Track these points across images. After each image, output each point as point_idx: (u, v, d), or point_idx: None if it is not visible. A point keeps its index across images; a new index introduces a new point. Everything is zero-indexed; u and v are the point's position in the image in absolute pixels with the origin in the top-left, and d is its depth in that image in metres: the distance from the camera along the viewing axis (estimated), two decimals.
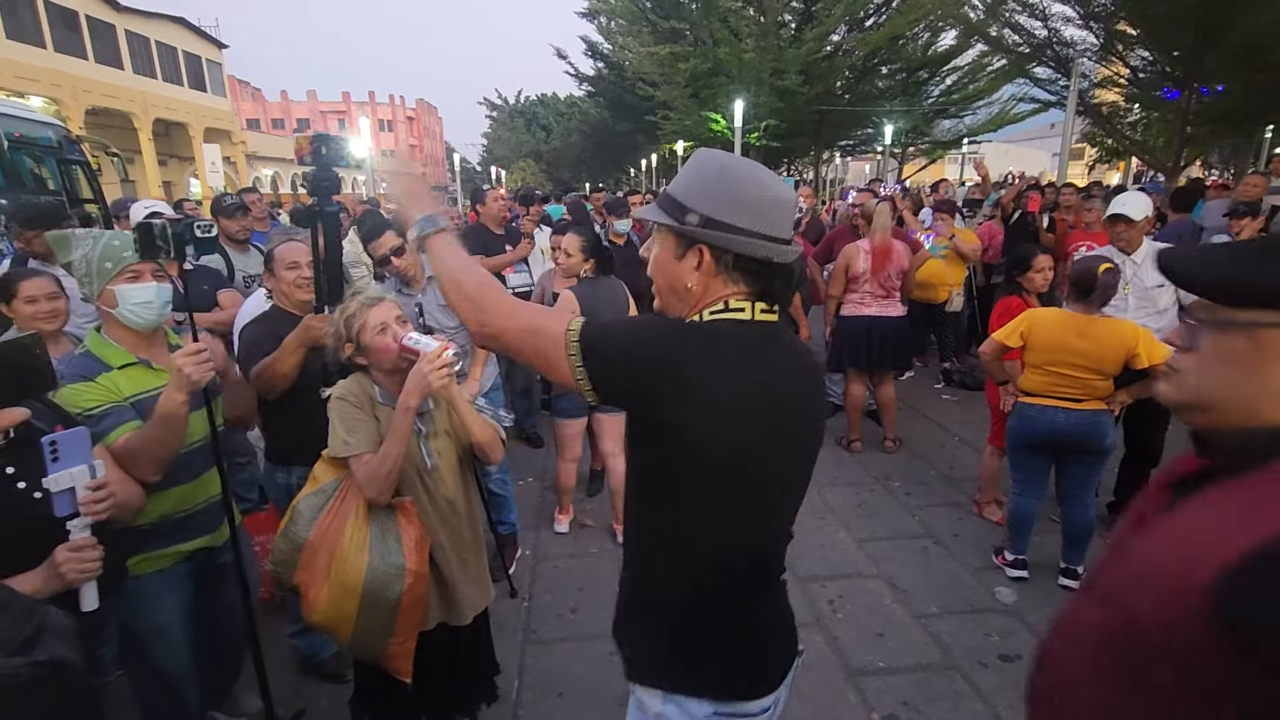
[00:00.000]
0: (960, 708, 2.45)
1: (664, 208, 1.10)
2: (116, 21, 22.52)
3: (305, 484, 1.83)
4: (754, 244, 1.06)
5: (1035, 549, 3.25)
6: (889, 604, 3.05)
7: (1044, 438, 2.98)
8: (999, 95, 22.30)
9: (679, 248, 1.10)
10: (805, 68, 18.93)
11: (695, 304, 1.12)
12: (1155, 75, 14.60)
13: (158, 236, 1.69)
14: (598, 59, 27.52)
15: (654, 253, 1.15)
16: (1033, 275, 3.50)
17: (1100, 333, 2.77)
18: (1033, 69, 16.44)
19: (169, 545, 1.87)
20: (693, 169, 1.10)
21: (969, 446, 4.68)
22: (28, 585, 1.26)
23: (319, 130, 2.12)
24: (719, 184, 1.07)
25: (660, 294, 1.17)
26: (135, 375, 1.76)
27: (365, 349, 1.79)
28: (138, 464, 1.59)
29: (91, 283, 1.71)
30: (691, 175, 1.10)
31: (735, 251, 1.07)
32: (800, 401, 1.14)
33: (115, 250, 1.73)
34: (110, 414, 1.63)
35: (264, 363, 2.20)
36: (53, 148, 8.58)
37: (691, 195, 1.07)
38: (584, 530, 3.76)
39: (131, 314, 1.74)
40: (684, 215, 1.07)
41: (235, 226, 3.95)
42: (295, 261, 2.37)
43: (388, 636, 1.75)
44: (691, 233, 1.07)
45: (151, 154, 23.79)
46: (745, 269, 1.08)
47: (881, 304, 4.53)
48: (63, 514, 1.30)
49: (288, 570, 1.75)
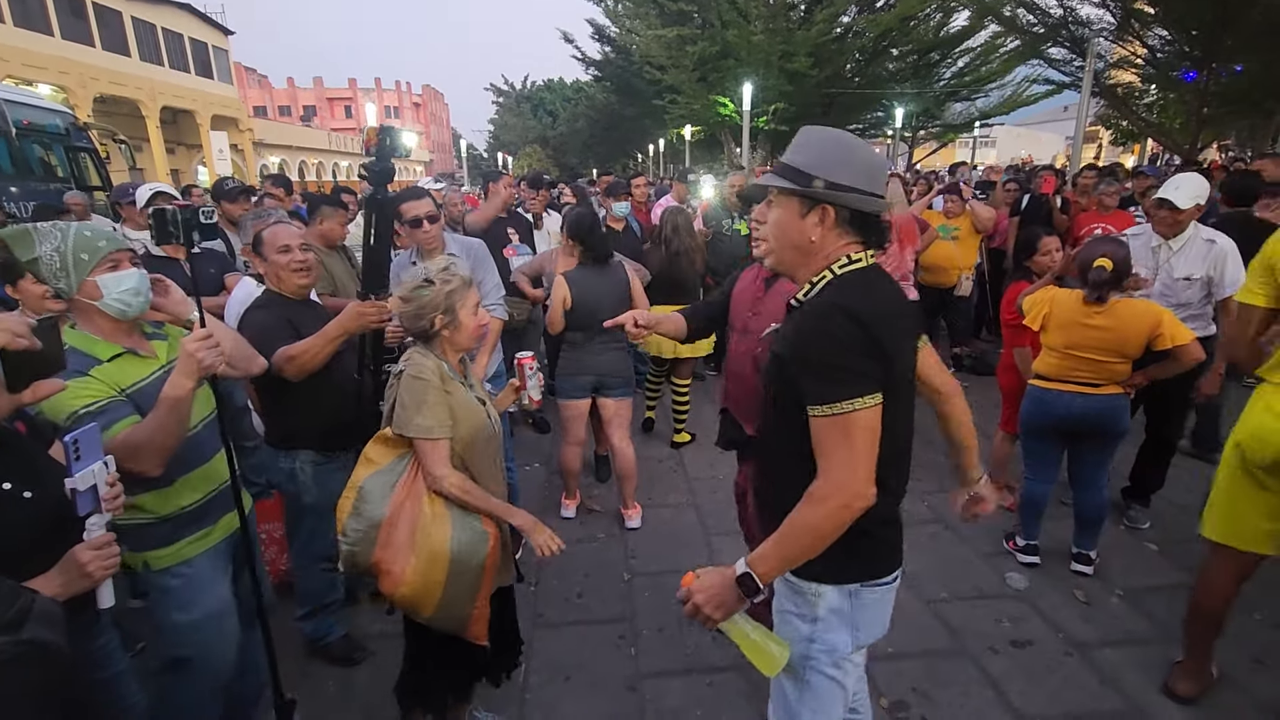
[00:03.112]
0: (970, 693, 2.42)
1: (788, 178, 1.31)
2: (123, 8, 22.47)
3: (308, 464, 1.82)
4: (869, 200, 1.30)
5: (1046, 534, 3.21)
6: (899, 589, 3.02)
7: (1060, 422, 2.93)
8: (1012, 77, 21.96)
9: (803, 209, 1.32)
10: (815, 50, 18.66)
11: (815, 255, 1.35)
12: (1173, 55, 14.33)
13: (170, 222, 1.68)
14: (604, 43, 27.21)
15: (774, 216, 1.37)
16: (1039, 258, 3.43)
17: (1122, 313, 2.70)
18: (1047, 49, 16.15)
19: (205, 528, 1.84)
20: (809, 143, 1.32)
21: (979, 432, 4.59)
22: (50, 587, 1.23)
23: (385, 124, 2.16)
24: (838, 152, 1.30)
25: (779, 252, 1.39)
26: (126, 366, 1.69)
27: (456, 324, 1.84)
28: (141, 457, 1.53)
29: (68, 276, 1.61)
30: (810, 147, 1.31)
31: (853, 208, 1.30)
32: (913, 321, 1.42)
33: (89, 240, 1.64)
34: (108, 409, 1.57)
35: (299, 349, 2.16)
36: (61, 135, 8.61)
37: (813, 164, 1.29)
38: (591, 515, 3.75)
39: (119, 303, 1.66)
40: (810, 181, 1.28)
41: (237, 211, 3.94)
42: (286, 245, 2.31)
43: (473, 602, 1.83)
44: (820, 194, 1.29)
45: (159, 141, 23.83)
46: (859, 223, 1.33)
47: None
48: (85, 511, 1.29)
49: (366, 549, 1.74)
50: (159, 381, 1.67)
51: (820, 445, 1.26)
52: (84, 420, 1.50)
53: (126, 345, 1.71)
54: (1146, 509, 3.51)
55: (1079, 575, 3.05)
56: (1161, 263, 3.24)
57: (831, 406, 1.22)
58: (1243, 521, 2.09)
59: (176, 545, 1.77)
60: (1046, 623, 2.78)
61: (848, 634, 1.42)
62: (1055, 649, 2.63)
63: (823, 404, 1.23)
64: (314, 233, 3.64)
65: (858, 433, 1.23)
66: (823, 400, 1.23)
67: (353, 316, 2.15)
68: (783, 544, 1.27)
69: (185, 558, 1.78)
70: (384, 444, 1.83)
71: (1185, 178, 3.26)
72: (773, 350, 1.40)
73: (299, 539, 2.55)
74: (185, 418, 1.62)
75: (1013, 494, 3.63)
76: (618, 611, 2.88)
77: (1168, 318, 2.68)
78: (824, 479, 1.25)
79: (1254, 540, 2.09)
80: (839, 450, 1.24)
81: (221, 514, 1.89)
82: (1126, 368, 2.78)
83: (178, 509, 1.76)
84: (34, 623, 0.73)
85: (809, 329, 1.27)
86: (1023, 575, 3.08)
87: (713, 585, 1.30)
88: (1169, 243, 3.22)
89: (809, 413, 1.26)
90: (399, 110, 60.19)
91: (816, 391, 1.24)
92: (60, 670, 0.79)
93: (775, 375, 1.37)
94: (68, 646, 0.79)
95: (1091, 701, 2.37)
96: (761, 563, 1.27)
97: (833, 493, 1.24)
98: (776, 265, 1.42)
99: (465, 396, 1.87)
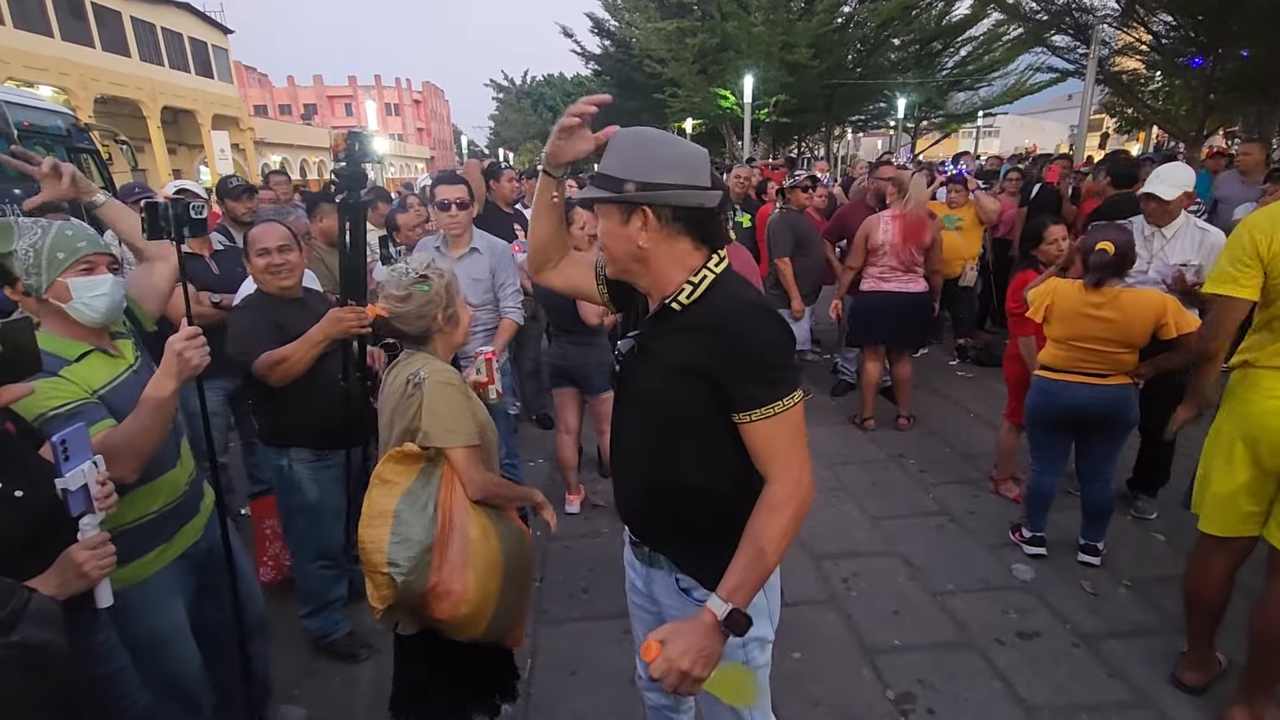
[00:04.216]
0: (977, 685, 2.41)
1: (601, 186, 1.23)
2: (122, 9, 22.45)
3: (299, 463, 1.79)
4: (689, 195, 1.21)
5: (1053, 526, 3.19)
6: (904, 582, 3.02)
7: (1066, 413, 2.90)
8: (1015, 65, 21.83)
9: (622, 216, 1.24)
10: (816, 41, 18.59)
11: (657, 261, 1.27)
12: (1178, 41, 14.19)
13: (161, 216, 1.65)
14: (604, 37, 27.13)
15: (601, 230, 1.29)
16: (1046, 247, 3.40)
17: (1127, 303, 2.68)
18: (1050, 37, 16.01)
19: (167, 539, 1.77)
20: (617, 147, 1.24)
21: (984, 423, 4.61)
22: (46, 588, 1.21)
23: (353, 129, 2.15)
24: (646, 149, 1.22)
25: (618, 263, 1.30)
26: (96, 365, 1.63)
27: (456, 321, 1.83)
28: (119, 461, 1.45)
29: (40, 274, 1.55)
30: (618, 151, 1.24)
31: (673, 205, 1.22)
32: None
33: (69, 241, 1.58)
34: (82, 412, 1.50)
35: (280, 354, 2.16)
36: (62, 136, 8.59)
37: (622, 167, 1.21)
38: (595, 511, 3.74)
39: (86, 308, 1.59)
40: (621, 186, 1.20)
41: (241, 209, 3.93)
42: (265, 248, 2.31)
43: (521, 604, 1.82)
44: (632, 198, 1.20)
45: (161, 142, 23.84)
46: (685, 219, 1.24)
47: (903, 279, 4.40)
48: (78, 511, 1.28)
49: (421, 575, 1.62)
50: (129, 382, 1.62)
51: (767, 449, 1.22)
52: (55, 422, 1.45)
53: (94, 344, 1.65)
54: (1153, 499, 3.49)
55: (1086, 566, 3.03)
56: (1155, 251, 3.24)
57: (773, 406, 1.19)
58: (1233, 508, 2.08)
59: (131, 565, 1.65)
60: (1053, 614, 2.77)
61: (768, 620, 1.42)
62: (1062, 640, 2.62)
63: (764, 406, 1.19)
64: (314, 230, 3.64)
65: (799, 428, 1.23)
66: (765, 402, 1.19)
67: (332, 322, 2.14)
68: (757, 564, 1.19)
69: (141, 577, 1.68)
70: (400, 461, 1.68)
71: (1168, 168, 3.28)
72: (655, 356, 1.29)
73: (293, 537, 2.56)
74: (168, 420, 1.57)
75: (1019, 485, 3.61)
76: (622, 606, 2.84)
77: (1173, 305, 2.66)
78: (781, 482, 1.21)
79: (1239, 524, 2.08)
80: (788, 448, 1.22)
81: (179, 527, 1.80)
82: (1133, 357, 2.76)
83: (134, 519, 1.66)
84: (28, 623, 0.73)
85: (745, 334, 1.20)
86: (1029, 567, 3.06)
87: (693, 642, 1.14)
88: (1162, 231, 3.23)
89: (743, 419, 1.21)
90: (399, 107, 60.10)
91: (758, 396, 1.20)
92: (57, 669, 0.78)
93: (676, 393, 1.26)
94: (66, 644, 0.78)
95: (1099, 693, 2.36)
96: (740, 593, 1.18)
97: (794, 491, 1.21)
98: (623, 278, 1.34)
99: (475, 397, 1.84)
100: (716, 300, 1.25)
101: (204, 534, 1.90)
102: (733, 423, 1.24)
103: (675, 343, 1.26)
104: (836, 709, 2.35)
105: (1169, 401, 3.33)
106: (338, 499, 2.46)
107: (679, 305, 1.26)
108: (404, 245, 4.03)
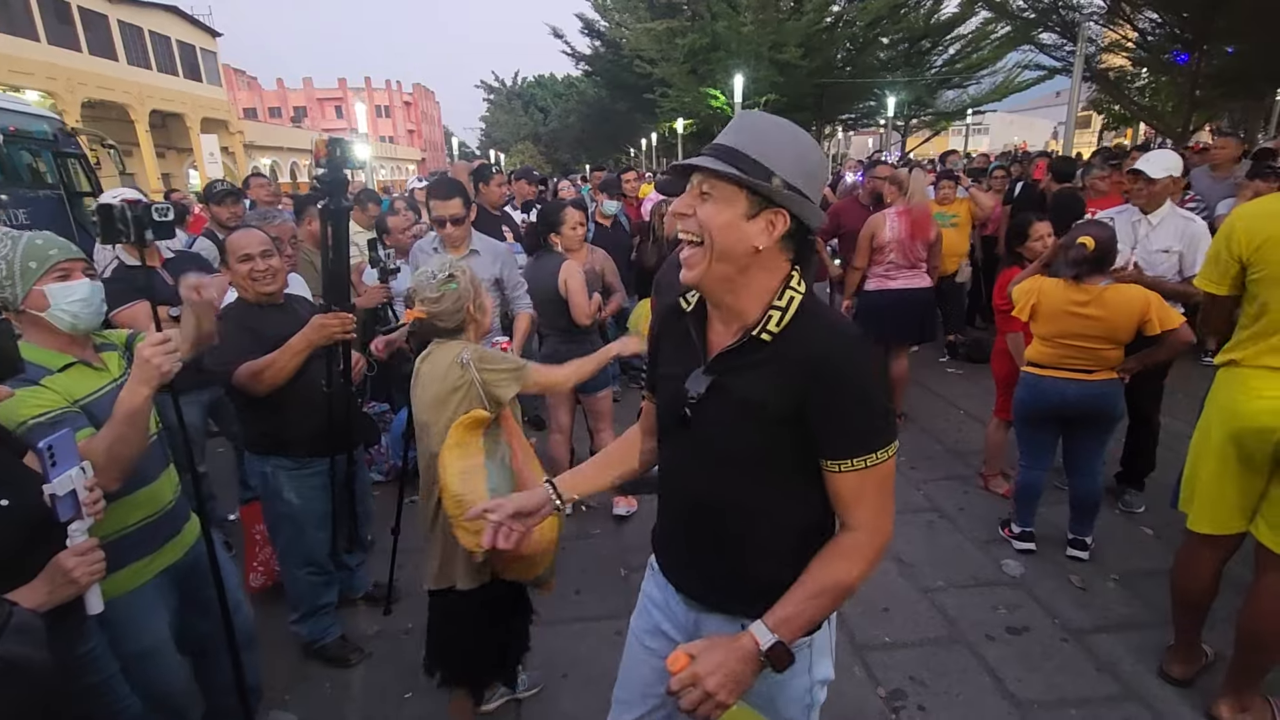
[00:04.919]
0: (967, 681, 2.43)
1: (736, 166, 1.02)
2: (109, 12, 22.31)
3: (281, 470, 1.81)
4: (816, 212, 1.07)
5: (1042, 521, 3.22)
6: (895, 579, 3.03)
7: (1054, 409, 2.93)
8: (1003, 63, 21.94)
9: (751, 209, 1.04)
10: (805, 40, 18.66)
11: (750, 270, 1.08)
12: (1164, 38, 14.30)
13: (118, 219, 1.61)
14: (594, 37, 27.14)
15: (707, 213, 1.05)
16: (1031, 244, 3.43)
17: (1111, 300, 2.70)
18: (1038, 34, 16.12)
19: (147, 554, 1.75)
20: (761, 130, 1.05)
21: (975, 420, 4.63)
22: (34, 597, 1.21)
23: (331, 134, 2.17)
24: (796, 149, 1.05)
25: (709, 260, 1.07)
26: (78, 376, 1.62)
27: (483, 309, 2.00)
28: (99, 470, 1.43)
29: (14, 285, 1.54)
30: (766, 136, 1.05)
31: (803, 219, 1.06)
32: None
33: (40, 249, 1.57)
34: (63, 421, 1.50)
35: (261, 364, 2.14)
36: (49, 141, 8.52)
37: (771, 157, 1.02)
38: (587, 512, 3.74)
39: (65, 315, 1.58)
40: (769, 176, 1.02)
41: (226, 214, 3.91)
42: (248, 254, 2.29)
43: (555, 545, 1.94)
44: (778, 195, 1.02)
45: (149, 146, 23.71)
46: (800, 237, 1.09)
47: (908, 276, 4.39)
48: (66, 517, 1.27)
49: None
50: (113, 394, 1.61)
51: (853, 499, 1.09)
52: (36, 430, 1.45)
53: (78, 356, 1.64)
54: (1141, 493, 3.52)
55: (1075, 561, 3.05)
56: (1140, 237, 3.31)
57: (877, 455, 1.06)
58: (1223, 506, 2.09)
59: (111, 579, 1.59)
60: (1043, 609, 2.78)
61: (829, 658, 1.29)
62: (1051, 635, 2.63)
63: (865, 454, 1.05)
64: (302, 233, 3.63)
65: (891, 479, 1.10)
66: (863, 452, 1.05)
67: (316, 329, 2.13)
68: (814, 604, 1.09)
69: (122, 591, 1.66)
70: (470, 428, 1.86)
71: (1157, 153, 3.38)
72: (732, 395, 1.12)
73: (279, 544, 2.55)
74: (144, 428, 1.56)
75: (1008, 481, 3.63)
76: (614, 607, 2.87)
77: (1156, 302, 2.68)
78: (863, 532, 1.10)
79: (1229, 521, 2.09)
80: (877, 500, 1.09)
81: (162, 543, 1.79)
82: (1119, 353, 2.78)
83: (114, 532, 1.63)
84: (8, 638, 0.72)
85: (849, 372, 1.04)
86: (1019, 562, 3.08)
87: (726, 662, 1.03)
88: (1148, 218, 3.29)
89: (836, 467, 1.07)
90: (390, 109, 59.90)
91: (856, 445, 1.06)
92: (37, 685, 0.78)
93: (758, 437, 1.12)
94: (47, 660, 0.77)
95: (1087, 687, 2.37)
96: (788, 626, 1.07)
97: (872, 543, 1.11)
98: (700, 280, 1.11)
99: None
100: (809, 327, 1.08)
101: (189, 550, 1.88)
102: (817, 467, 1.10)
103: (759, 377, 1.08)
104: (828, 707, 2.32)
105: (1154, 385, 3.40)
106: (323, 506, 2.45)
107: (768, 335, 1.08)
108: (393, 248, 4.03)
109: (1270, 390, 1.94)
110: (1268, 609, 2.05)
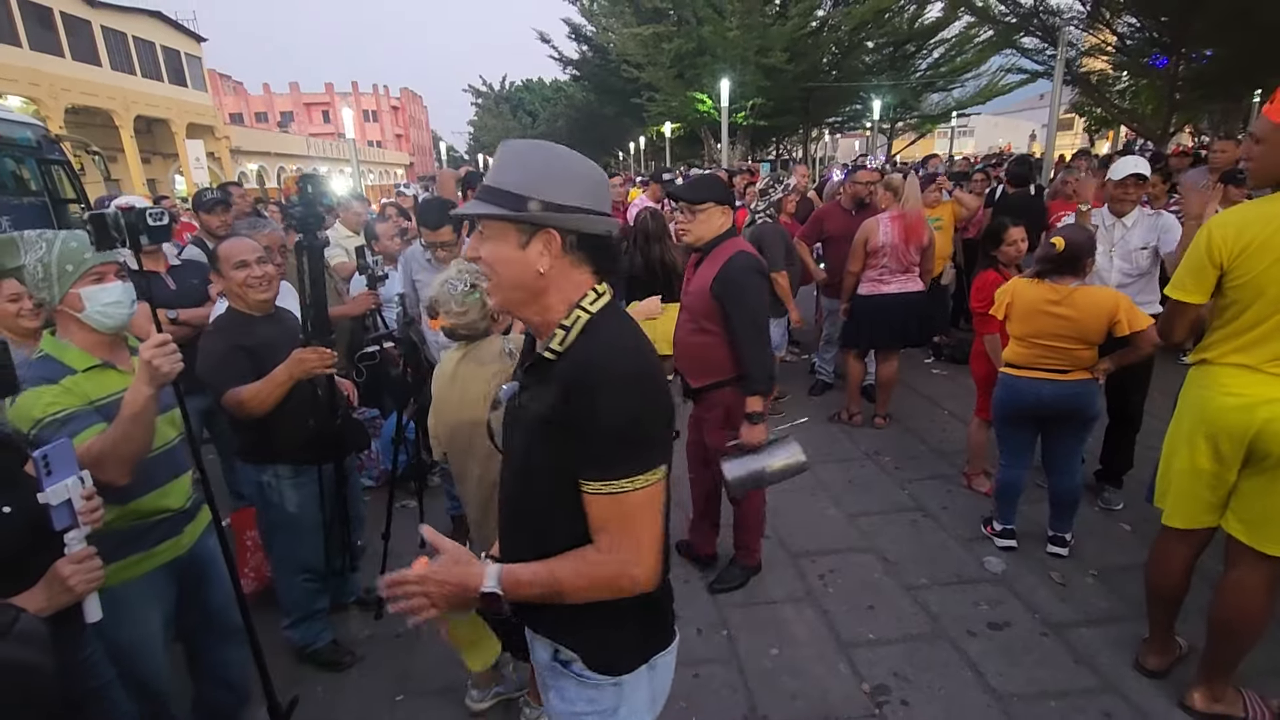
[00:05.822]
0: (949, 676, 2.48)
1: (495, 202, 1.07)
2: (92, 17, 22.14)
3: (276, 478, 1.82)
4: (595, 220, 1.11)
5: (1023, 518, 3.28)
6: (879, 577, 3.09)
7: (1031, 409, 2.99)
8: (987, 67, 22.21)
9: (522, 238, 1.09)
10: (791, 45, 18.77)
11: (546, 291, 1.12)
12: (1143, 42, 14.51)
13: (111, 226, 1.64)
14: (581, 42, 27.19)
15: (488, 251, 1.12)
16: (1005, 248, 3.50)
17: (1080, 301, 2.77)
18: (1020, 39, 16.29)
19: (145, 550, 1.78)
20: (516, 159, 1.10)
21: (958, 420, 4.70)
22: (34, 602, 1.23)
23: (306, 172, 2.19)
24: (551, 166, 1.09)
25: (502, 291, 1.14)
26: (100, 378, 1.69)
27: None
28: (105, 467, 1.51)
29: (51, 287, 1.63)
30: (518, 164, 1.09)
31: (580, 231, 1.11)
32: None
33: (75, 252, 1.65)
34: (73, 419, 1.56)
35: (248, 394, 2.16)
36: (32, 148, 8.46)
37: (525, 184, 1.07)
38: None
39: (101, 315, 1.67)
40: (524, 204, 1.06)
41: (216, 222, 3.92)
42: (243, 260, 2.29)
43: None
44: (538, 218, 1.07)
45: (134, 152, 23.52)
46: (588, 247, 1.13)
47: (902, 280, 4.44)
48: (62, 526, 1.29)
49: None
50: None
51: (598, 522, 1.09)
52: (49, 428, 1.50)
53: (105, 358, 1.71)
54: (1120, 490, 3.59)
55: (1055, 557, 3.11)
56: (1117, 240, 3.42)
57: (620, 483, 1.06)
58: (1195, 501, 2.15)
59: (109, 568, 1.62)
60: (1023, 605, 2.84)
61: (648, 710, 1.28)
62: (1031, 630, 2.69)
63: (605, 479, 1.06)
64: (291, 242, 3.64)
65: (645, 512, 1.09)
66: (605, 475, 1.06)
67: (295, 363, 2.15)
68: (536, 586, 1.11)
69: (121, 580, 1.70)
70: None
71: (1131, 158, 3.59)
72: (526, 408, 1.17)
73: (274, 552, 2.57)
74: (149, 426, 1.61)
75: (990, 480, 3.70)
76: None
77: (1125, 304, 2.75)
78: (610, 554, 1.09)
79: (1201, 516, 2.15)
80: (619, 531, 1.08)
81: (165, 539, 1.83)
82: (1092, 354, 2.85)
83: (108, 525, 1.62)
84: (13, 642, 0.75)
85: (599, 391, 1.05)
86: (1000, 559, 3.15)
87: (452, 579, 1.10)
88: (1122, 220, 3.45)
89: (585, 487, 1.08)
90: (377, 114, 59.73)
91: (594, 466, 1.07)
92: (41, 689, 0.80)
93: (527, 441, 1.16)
94: (51, 664, 0.80)
95: (1067, 680, 2.43)
96: (515, 590, 1.10)
97: (608, 576, 1.10)
98: (503, 306, 1.19)
99: None
100: (584, 347, 1.10)
101: (190, 549, 1.92)
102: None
103: (546, 393, 1.11)
104: (814, 702, 2.40)
105: (1137, 389, 3.48)
106: (318, 513, 2.46)
107: (551, 354, 1.12)
108: (381, 255, 4.04)
109: (1240, 387, 2.00)
110: (1238, 601, 2.11)
